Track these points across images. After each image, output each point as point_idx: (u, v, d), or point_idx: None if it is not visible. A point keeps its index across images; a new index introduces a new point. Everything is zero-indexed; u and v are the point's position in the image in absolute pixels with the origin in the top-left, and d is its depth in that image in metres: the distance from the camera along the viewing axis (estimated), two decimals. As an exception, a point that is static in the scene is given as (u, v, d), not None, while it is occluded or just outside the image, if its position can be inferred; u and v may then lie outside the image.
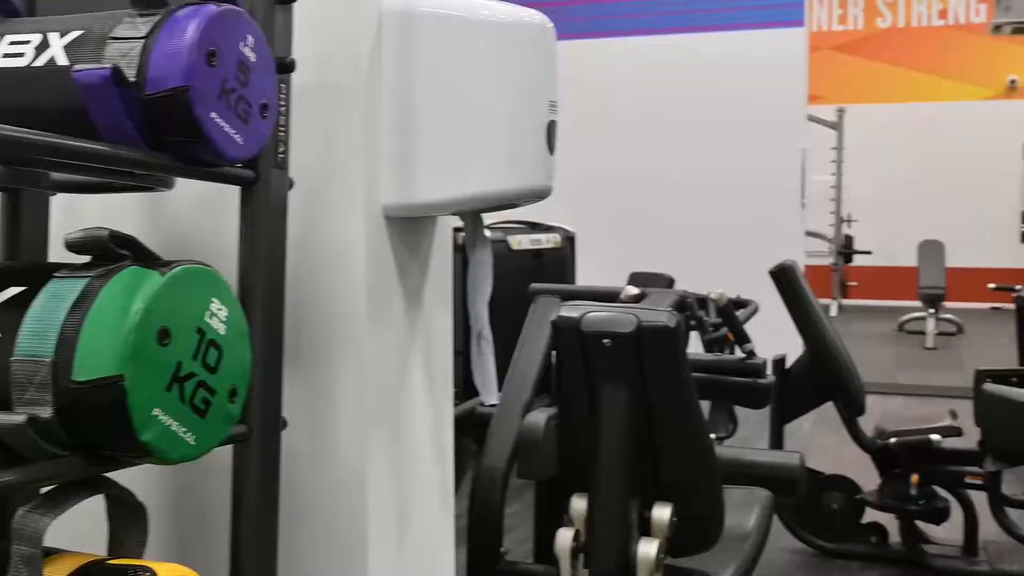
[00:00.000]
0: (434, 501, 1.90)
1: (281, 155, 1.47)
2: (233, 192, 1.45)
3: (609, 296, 2.73)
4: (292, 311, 1.55)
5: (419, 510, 1.83)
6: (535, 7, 1.75)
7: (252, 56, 1.33)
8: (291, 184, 1.50)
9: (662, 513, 2.21)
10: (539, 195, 1.73)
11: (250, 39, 1.33)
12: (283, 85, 1.46)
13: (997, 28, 8.71)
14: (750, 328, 4.29)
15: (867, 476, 4.07)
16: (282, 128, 1.47)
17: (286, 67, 1.47)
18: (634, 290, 2.75)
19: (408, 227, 1.74)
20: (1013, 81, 12.01)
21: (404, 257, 1.74)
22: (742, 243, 7.23)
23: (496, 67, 1.63)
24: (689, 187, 7.58)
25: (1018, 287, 7.45)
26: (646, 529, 2.21)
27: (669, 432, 2.22)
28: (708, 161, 7.52)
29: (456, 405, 3.13)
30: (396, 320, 1.73)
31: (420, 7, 1.62)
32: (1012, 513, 3.93)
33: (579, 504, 2.23)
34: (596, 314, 2.18)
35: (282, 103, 1.46)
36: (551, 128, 1.69)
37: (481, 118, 1.62)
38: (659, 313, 2.17)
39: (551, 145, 1.70)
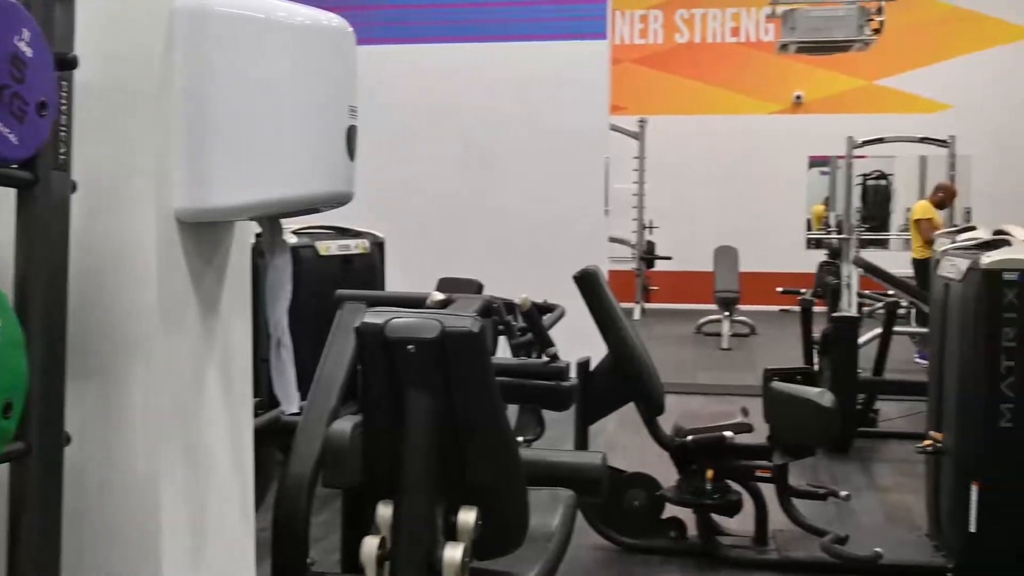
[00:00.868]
0: (234, 513, 1.85)
1: (63, 156, 1.40)
2: (8, 195, 1.36)
3: (416, 302, 2.72)
4: (77, 320, 1.48)
5: (218, 523, 1.78)
6: (336, 11, 1.74)
7: (28, 51, 1.26)
8: (74, 187, 1.43)
9: (467, 517, 2.22)
10: (340, 200, 1.71)
11: (26, 33, 1.26)
12: (64, 83, 1.39)
13: (784, 47, 9.25)
14: (557, 332, 4.38)
15: (667, 473, 4.23)
16: (63, 128, 1.40)
17: (67, 64, 1.39)
18: (440, 296, 2.76)
19: (203, 232, 1.69)
20: (798, 97, 12.78)
21: (199, 263, 1.68)
22: (550, 249, 7.38)
23: (294, 70, 1.60)
24: (497, 194, 7.68)
25: (803, 290, 7.93)
26: (452, 533, 2.22)
27: (474, 436, 2.23)
28: (515, 168, 7.64)
29: (261, 414, 3.07)
30: (191, 328, 1.68)
31: (215, 6, 1.58)
32: (798, 503, 4.17)
33: (385, 511, 2.22)
34: (400, 320, 2.17)
35: (63, 101, 1.39)
36: (351, 133, 1.68)
37: (279, 121, 1.59)
38: (463, 318, 2.19)
39: (351, 150, 1.69)
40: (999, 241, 3.97)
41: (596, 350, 4.13)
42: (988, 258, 3.68)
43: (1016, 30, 12.30)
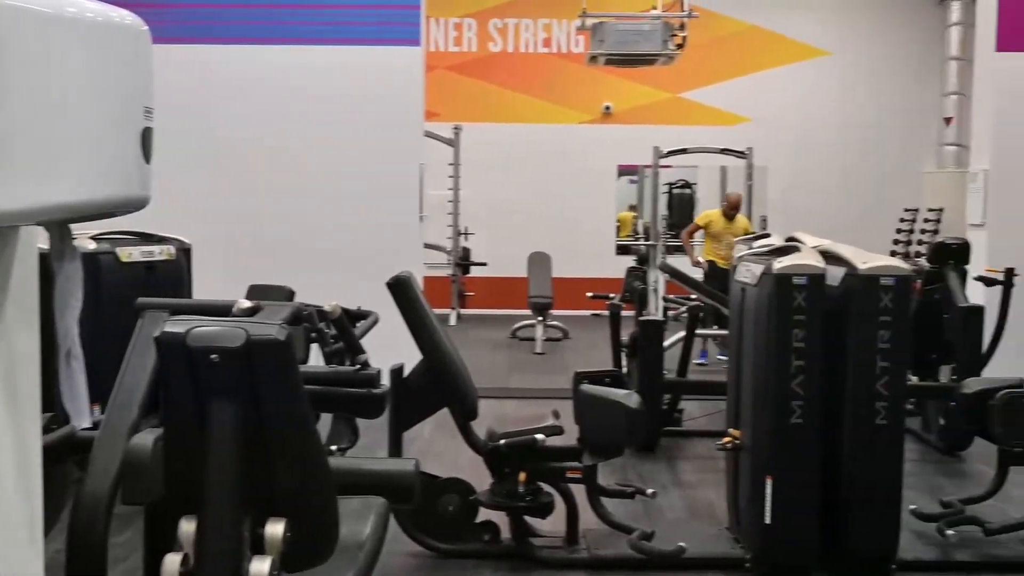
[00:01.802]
0: (20, 536, 1.75)
1: None
2: None
3: (222, 310, 2.65)
4: None
5: (1, 547, 1.67)
6: (135, 8, 1.67)
7: None
8: None
9: (275, 529, 2.18)
10: (135, 205, 1.65)
11: None
12: None
13: (593, 59, 9.51)
14: (373, 338, 4.34)
15: (482, 477, 4.26)
16: None
17: None
18: (247, 303, 2.69)
19: (-17, 237, 1.59)
20: (608, 107, 13.16)
21: (-21, 271, 1.58)
22: (364, 255, 7.30)
23: (83, 68, 1.53)
24: (311, 199, 7.55)
25: (612, 295, 8.16)
26: (259, 547, 2.17)
27: (282, 446, 2.19)
28: (328, 174, 7.53)
29: (55, 429, 2.91)
30: (-30, 340, 1.57)
31: (-6, -3, 1.49)
32: (607, 502, 4.29)
33: (188, 526, 2.15)
34: (203, 329, 2.11)
35: None
36: (146, 135, 1.62)
37: (66, 121, 1.51)
38: (269, 326, 2.15)
39: (147, 153, 1.62)
40: (790, 247, 4.21)
41: (413, 356, 4.12)
42: (780, 263, 3.89)
43: (809, 49, 13.08)
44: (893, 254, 11.14)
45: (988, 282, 6.59)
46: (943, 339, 6.07)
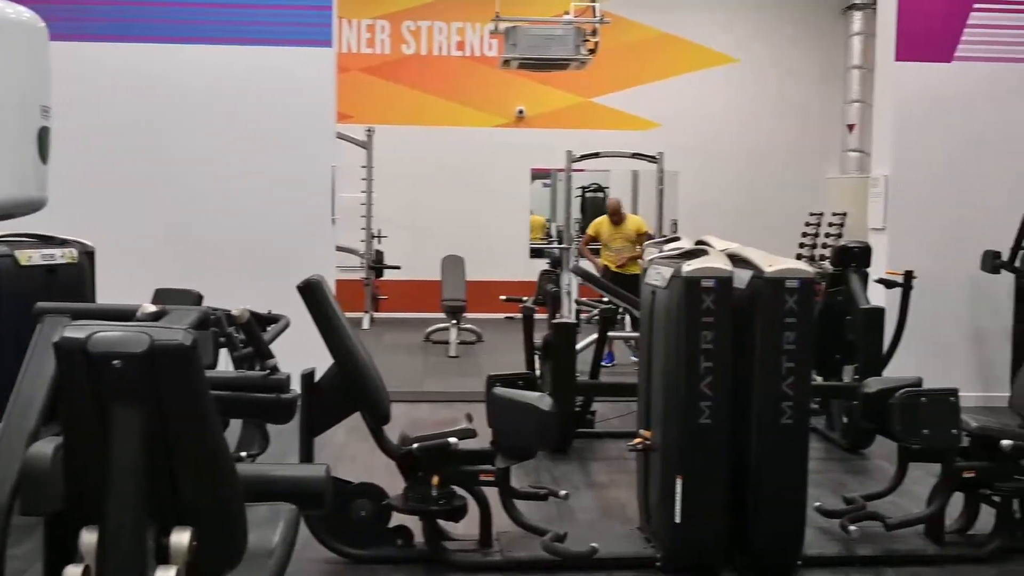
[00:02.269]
0: (-91, 551, 1.68)
1: None
2: None
3: (125, 314, 2.59)
4: None
5: None
6: (40, 5, 1.62)
7: None
8: None
9: (181, 538, 2.14)
10: (31, 206, 1.60)
11: None
12: None
13: (506, 63, 9.54)
14: (285, 343, 4.29)
15: (396, 482, 4.23)
16: None
17: None
18: (152, 308, 2.64)
19: None
20: (521, 111, 13.19)
21: None
22: (276, 258, 7.20)
23: (-25, 65, 1.48)
24: (220, 201, 7.40)
25: (525, 298, 8.20)
26: (164, 556, 2.13)
27: (186, 453, 2.15)
28: (238, 176, 7.40)
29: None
30: None
31: None
32: (520, 504, 4.30)
33: (89, 537, 2.10)
34: (105, 334, 2.06)
35: None
36: (43, 135, 1.58)
37: (-43, 120, 1.46)
38: (174, 331, 2.11)
39: (44, 153, 1.58)
40: (699, 251, 4.28)
41: (324, 360, 4.07)
42: (689, 266, 3.96)
43: (717, 56, 13.31)
44: (799, 257, 11.41)
45: (888, 284, 6.80)
46: (846, 340, 6.24)
